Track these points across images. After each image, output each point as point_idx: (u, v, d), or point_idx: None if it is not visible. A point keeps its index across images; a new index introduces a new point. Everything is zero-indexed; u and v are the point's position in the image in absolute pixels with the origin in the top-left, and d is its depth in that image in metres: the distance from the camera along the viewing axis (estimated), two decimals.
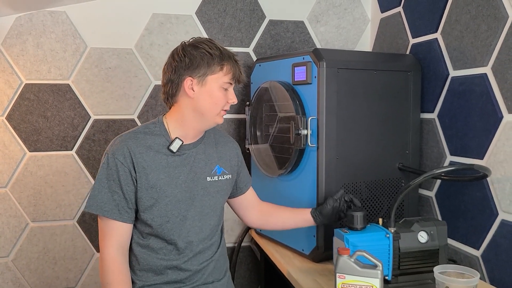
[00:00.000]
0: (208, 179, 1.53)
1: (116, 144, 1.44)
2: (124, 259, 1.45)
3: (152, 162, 1.44)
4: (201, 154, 1.53)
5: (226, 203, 1.67)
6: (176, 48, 1.47)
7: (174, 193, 1.46)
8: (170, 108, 1.51)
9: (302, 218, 1.64)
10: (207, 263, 1.53)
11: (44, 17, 2.07)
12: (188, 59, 1.42)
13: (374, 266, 1.27)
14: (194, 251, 1.50)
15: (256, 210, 1.73)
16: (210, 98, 1.44)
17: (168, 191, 1.45)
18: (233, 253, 2.32)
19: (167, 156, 1.47)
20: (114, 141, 1.48)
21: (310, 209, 1.64)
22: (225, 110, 1.49)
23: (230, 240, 2.33)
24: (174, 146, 1.46)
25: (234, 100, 1.49)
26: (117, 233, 1.43)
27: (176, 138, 1.47)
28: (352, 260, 1.29)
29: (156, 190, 1.44)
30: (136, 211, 1.46)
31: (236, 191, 1.67)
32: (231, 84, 1.47)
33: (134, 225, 1.48)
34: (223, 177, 1.57)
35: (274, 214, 1.71)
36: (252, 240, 2.35)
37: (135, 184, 1.43)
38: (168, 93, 1.47)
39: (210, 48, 1.43)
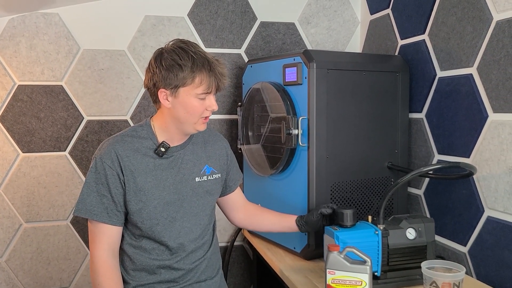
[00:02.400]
0: (197, 179, 1.53)
1: (104, 148, 1.45)
2: (114, 260, 1.46)
3: (139, 165, 1.44)
4: (189, 155, 1.53)
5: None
6: (151, 57, 1.45)
7: (162, 195, 1.46)
8: (157, 110, 1.51)
9: (287, 225, 1.64)
10: (199, 262, 1.54)
11: (37, 19, 2.08)
12: (159, 71, 1.39)
13: (363, 262, 1.30)
14: (187, 251, 1.51)
15: (242, 211, 1.73)
16: (184, 109, 1.41)
17: (156, 194, 1.46)
18: (226, 252, 2.34)
19: (154, 159, 1.47)
20: (102, 145, 1.48)
21: (295, 217, 1.63)
22: (206, 117, 1.45)
23: (222, 239, 2.35)
24: (161, 150, 1.45)
25: (213, 107, 1.44)
26: (107, 236, 1.44)
27: (163, 141, 1.46)
28: (342, 256, 1.31)
29: (144, 193, 1.44)
30: (126, 214, 1.47)
31: (225, 189, 1.67)
32: (207, 93, 1.41)
33: (126, 227, 1.49)
34: (212, 177, 1.57)
35: (259, 217, 1.71)
36: (244, 239, 2.38)
37: (124, 187, 1.43)
38: (152, 98, 1.48)
39: (181, 59, 1.38)
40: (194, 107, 1.41)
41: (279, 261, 1.76)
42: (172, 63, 1.38)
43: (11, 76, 2.07)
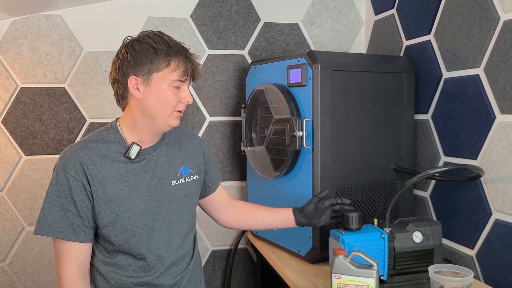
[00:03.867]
0: (173, 183, 1.40)
1: (66, 157, 1.29)
2: (85, 282, 1.31)
3: (108, 173, 1.30)
4: (163, 156, 1.40)
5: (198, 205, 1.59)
6: (120, 47, 1.33)
7: (136, 203, 1.32)
8: (123, 111, 1.38)
9: (282, 217, 1.57)
10: (181, 276, 1.42)
11: (40, 21, 2.07)
12: (130, 56, 1.27)
13: (370, 266, 1.28)
14: (166, 264, 1.37)
15: (229, 210, 1.62)
16: (157, 99, 1.29)
17: (130, 203, 1.31)
18: (230, 255, 2.32)
19: (125, 164, 1.32)
20: (63, 153, 1.32)
21: (291, 208, 1.57)
22: (179, 111, 1.33)
23: (226, 242, 2.33)
24: (132, 153, 1.32)
25: (188, 99, 1.32)
26: (75, 255, 1.28)
27: (133, 143, 1.33)
28: (348, 260, 1.29)
29: (116, 203, 1.30)
30: (96, 228, 1.33)
31: (205, 190, 1.56)
32: (182, 81, 1.30)
33: (97, 242, 1.35)
34: (190, 178, 1.44)
35: (249, 213, 1.62)
36: (248, 242, 2.36)
37: (91, 199, 1.29)
38: (117, 94, 1.34)
39: (155, 42, 1.27)
40: (167, 96, 1.29)
41: (284, 265, 1.74)
42: (146, 46, 1.27)
43: (14, 78, 2.06)
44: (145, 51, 1.27)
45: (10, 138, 2.07)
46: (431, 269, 1.34)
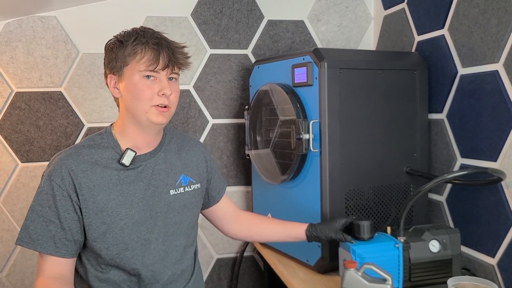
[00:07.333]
0: (172, 192, 1.33)
1: (54, 164, 1.23)
2: None
3: (100, 181, 1.23)
4: (161, 164, 1.33)
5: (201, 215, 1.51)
6: None
7: (130, 214, 1.25)
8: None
9: (293, 235, 1.48)
10: None
11: (34, 23, 2.00)
12: (105, 56, 1.28)
13: (383, 280, 1.20)
14: (162, 281, 1.29)
15: (235, 222, 1.55)
16: (130, 94, 1.22)
17: (123, 213, 1.24)
18: (235, 264, 2.24)
19: (118, 171, 1.26)
20: (52, 159, 1.27)
21: (304, 226, 1.46)
22: (160, 106, 1.23)
23: (231, 250, 2.25)
24: (126, 159, 1.25)
25: (164, 91, 1.22)
26: (56, 269, 1.23)
27: (127, 149, 1.26)
28: (360, 274, 1.21)
29: (107, 214, 1.23)
30: (83, 241, 1.26)
31: (208, 201, 1.49)
32: (154, 71, 1.22)
33: (90, 256, 1.28)
34: (190, 188, 1.37)
35: (257, 227, 1.54)
36: (254, 249, 2.27)
37: (78, 211, 1.22)
38: (113, 98, 1.32)
39: (123, 36, 1.25)
40: (139, 90, 1.21)
41: (291, 275, 1.65)
42: (115, 42, 1.27)
43: (8, 83, 1.99)
44: (113, 46, 1.26)
45: (6, 145, 2.00)
46: (450, 282, 1.26)
